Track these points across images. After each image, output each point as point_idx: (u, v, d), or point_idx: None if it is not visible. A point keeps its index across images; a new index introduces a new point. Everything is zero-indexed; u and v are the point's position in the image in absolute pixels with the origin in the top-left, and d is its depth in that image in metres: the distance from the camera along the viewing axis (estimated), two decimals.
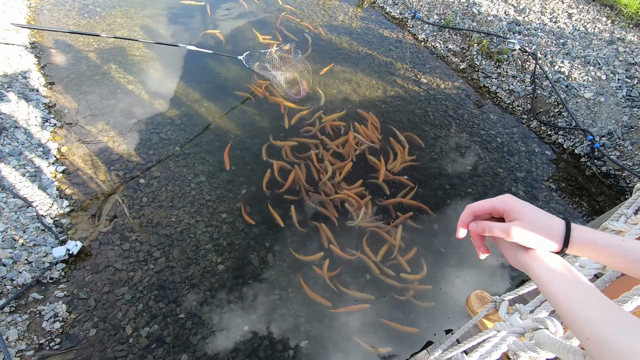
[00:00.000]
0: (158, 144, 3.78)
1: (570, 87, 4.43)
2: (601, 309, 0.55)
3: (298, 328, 2.75)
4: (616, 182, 3.87)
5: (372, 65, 4.99)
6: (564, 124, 4.27)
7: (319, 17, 5.71)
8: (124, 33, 4.97)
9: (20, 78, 4.01)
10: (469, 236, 0.77)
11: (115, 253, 2.99)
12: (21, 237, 2.86)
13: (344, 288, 2.95)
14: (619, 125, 4.03)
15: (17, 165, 3.27)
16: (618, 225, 1.26)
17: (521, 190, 3.78)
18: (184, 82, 4.46)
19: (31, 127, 3.61)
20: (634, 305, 0.75)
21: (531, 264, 0.67)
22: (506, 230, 0.68)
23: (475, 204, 0.74)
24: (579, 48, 4.84)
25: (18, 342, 2.43)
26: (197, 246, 3.10)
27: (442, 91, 4.74)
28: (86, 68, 4.43)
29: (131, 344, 2.57)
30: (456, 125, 4.33)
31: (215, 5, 5.74)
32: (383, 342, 2.74)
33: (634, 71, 4.46)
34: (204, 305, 2.79)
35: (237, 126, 4.06)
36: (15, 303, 2.59)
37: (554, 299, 0.61)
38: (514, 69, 4.83)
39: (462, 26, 5.39)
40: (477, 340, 1.25)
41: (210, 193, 3.45)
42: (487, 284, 3.12)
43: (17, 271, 2.69)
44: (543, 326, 0.73)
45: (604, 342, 0.50)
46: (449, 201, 3.61)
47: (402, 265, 3.10)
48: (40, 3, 5.26)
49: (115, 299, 2.76)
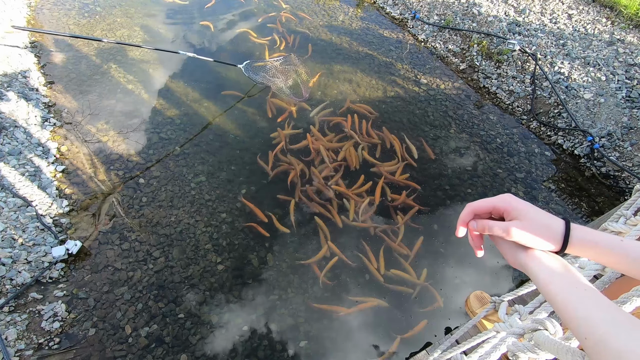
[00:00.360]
0: (158, 144, 3.78)
1: (570, 88, 4.43)
2: (600, 309, 0.55)
3: (297, 328, 2.75)
4: (616, 183, 3.87)
5: (372, 65, 4.99)
6: (563, 125, 4.27)
7: (319, 17, 5.71)
8: (123, 32, 4.97)
9: (20, 77, 4.01)
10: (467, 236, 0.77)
11: (115, 253, 2.99)
12: (20, 237, 2.85)
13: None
14: (618, 126, 4.03)
15: (17, 164, 3.27)
16: (617, 226, 1.26)
17: (521, 191, 3.78)
18: (184, 82, 4.46)
19: (31, 127, 3.61)
20: (633, 306, 0.76)
21: (530, 263, 0.67)
22: (506, 229, 0.68)
23: (476, 203, 0.74)
24: (578, 49, 4.84)
25: (17, 341, 2.43)
26: (197, 246, 3.10)
27: (442, 91, 4.75)
28: (86, 67, 4.43)
29: (130, 343, 2.57)
30: (456, 126, 4.33)
31: (221, 5, 5.74)
32: (382, 342, 2.74)
33: (633, 72, 4.46)
34: (203, 305, 2.79)
35: (237, 126, 4.06)
36: (14, 302, 2.58)
37: (553, 298, 0.61)
38: (513, 70, 4.83)
39: (462, 27, 5.39)
40: (476, 341, 1.25)
41: (210, 193, 3.45)
42: (486, 284, 3.12)
43: (17, 270, 2.69)
44: (542, 327, 0.73)
45: (602, 341, 0.51)
46: (449, 201, 3.61)
47: (405, 270, 3.10)
48: (40, 2, 5.25)
49: (115, 298, 2.76)
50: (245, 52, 4.93)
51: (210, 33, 5.18)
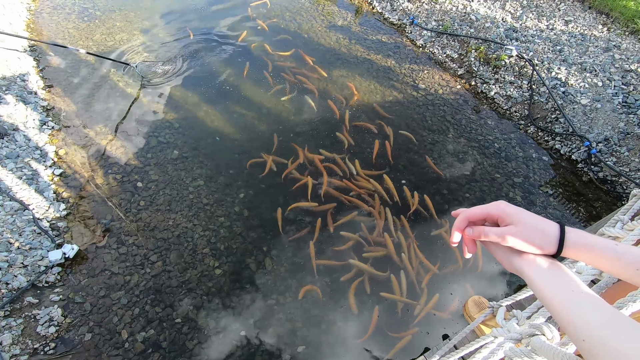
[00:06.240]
0: (156, 148, 3.78)
1: (567, 93, 4.46)
2: (597, 311, 0.55)
3: (295, 333, 2.73)
4: (613, 188, 3.89)
5: (371, 70, 5.01)
6: (561, 130, 4.29)
7: (317, 22, 5.74)
8: (123, 37, 4.98)
9: (18, 80, 4.01)
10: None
11: (112, 257, 2.97)
12: (17, 240, 2.84)
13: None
14: (615, 132, 4.06)
15: (14, 167, 3.26)
16: (614, 231, 1.26)
17: (518, 196, 3.79)
18: (182, 86, 4.47)
19: (29, 130, 3.61)
20: (629, 312, 0.76)
21: (525, 268, 0.67)
22: (501, 234, 0.68)
23: (470, 210, 0.74)
24: (575, 55, 4.88)
25: (12, 346, 2.41)
26: (195, 250, 3.09)
27: (440, 97, 4.77)
28: (85, 71, 4.44)
29: (127, 348, 2.55)
30: (454, 131, 4.34)
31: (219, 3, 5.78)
32: (380, 348, 2.73)
33: (629, 78, 4.50)
34: (200, 310, 2.77)
35: (236, 130, 4.06)
36: (10, 307, 2.56)
37: (550, 302, 0.61)
38: (511, 75, 4.86)
39: (460, 32, 5.43)
40: (474, 346, 1.25)
41: (208, 197, 3.44)
42: (484, 289, 3.11)
43: (13, 274, 2.67)
44: (539, 332, 0.73)
45: (600, 343, 0.51)
46: (447, 206, 3.62)
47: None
48: (40, 6, 5.27)
49: (111, 303, 2.74)
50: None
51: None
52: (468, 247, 0.77)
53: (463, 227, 0.75)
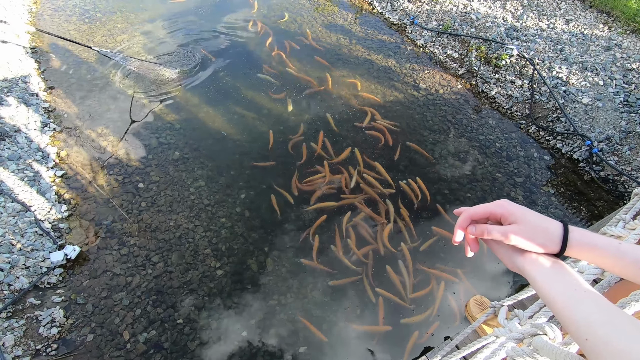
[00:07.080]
0: (157, 149, 3.78)
1: (568, 92, 4.45)
2: (599, 310, 0.54)
3: (297, 333, 2.73)
4: (615, 187, 3.87)
5: (372, 70, 5.01)
6: (562, 129, 4.28)
7: (318, 23, 5.75)
8: (124, 38, 4.99)
9: (20, 82, 4.03)
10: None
11: (114, 258, 2.98)
12: (19, 242, 2.85)
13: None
14: (616, 131, 4.04)
15: (16, 169, 3.27)
16: (616, 230, 1.26)
17: (520, 195, 3.78)
18: (183, 86, 4.48)
19: (30, 132, 3.62)
20: (631, 311, 0.75)
21: (528, 266, 0.67)
22: (505, 233, 0.68)
23: (472, 208, 0.74)
24: (576, 54, 4.87)
25: (14, 347, 2.41)
26: (196, 251, 3.09)
27: (441, 96, 4.76)
28: (86, 72, 4.45)
29: (129, 349, 2.56)
30: (455, 130, 4.34)
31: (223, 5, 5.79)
32: (382, 348, 2.72)
33: (631, 77, 4.48)
34: (202, 311, 2.78)
35: (237, 131, 4.06)
36: (12, 308, 2.57)
37: (552, 301, 0.61)
38: (512, 75, 4.85)
39: (460, 32, 5.43)
40: (476, 346, 1.24)
41: (209, 198, 3.45)
42: (486, 289, 3.11)
43: (15, 276, 2.68)
44: (541, 332, 0.73)
45: (602, 342, 0.50)
46: (448, 206, 3.61)
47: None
48: (41, 8, 5.29)
49: (113, 304, 2.75)
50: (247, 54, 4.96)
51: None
52: (470, 245, 0.77)
53: (466, 226, 0.75)
